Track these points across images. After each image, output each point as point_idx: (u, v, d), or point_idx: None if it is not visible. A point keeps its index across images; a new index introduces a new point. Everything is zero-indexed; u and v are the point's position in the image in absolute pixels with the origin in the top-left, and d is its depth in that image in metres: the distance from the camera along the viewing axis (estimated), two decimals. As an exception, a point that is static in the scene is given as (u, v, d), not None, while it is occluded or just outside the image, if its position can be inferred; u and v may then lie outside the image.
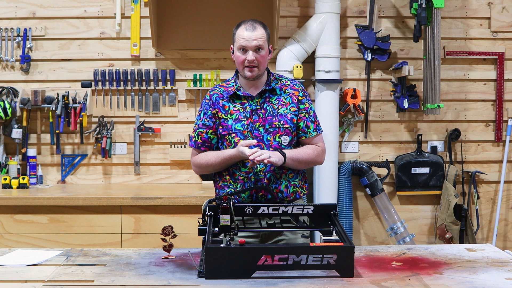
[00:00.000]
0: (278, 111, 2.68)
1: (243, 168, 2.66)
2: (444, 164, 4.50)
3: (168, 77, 4.41)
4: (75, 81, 4.41)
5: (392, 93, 4.48)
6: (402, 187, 4.49)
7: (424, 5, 4.16)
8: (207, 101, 2.73)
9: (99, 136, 4.38)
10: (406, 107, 4.39)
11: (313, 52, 4.34)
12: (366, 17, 4.41)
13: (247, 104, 2.68)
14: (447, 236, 4.38)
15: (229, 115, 2.68)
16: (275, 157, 2.56)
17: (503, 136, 4.55)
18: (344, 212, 4.41)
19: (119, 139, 4.46)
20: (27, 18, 4.38)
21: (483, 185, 4.61)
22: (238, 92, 2.69)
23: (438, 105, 4.25)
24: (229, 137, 2.66)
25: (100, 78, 4.37)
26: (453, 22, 4.49)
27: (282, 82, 2.75)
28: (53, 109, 4.28)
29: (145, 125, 4.40)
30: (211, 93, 2.74)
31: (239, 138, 2.64)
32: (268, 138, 2.65)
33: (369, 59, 4.40)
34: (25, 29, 4.35)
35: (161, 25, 4.29)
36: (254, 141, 2.57)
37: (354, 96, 4.39)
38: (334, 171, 4.35)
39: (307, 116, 2.73)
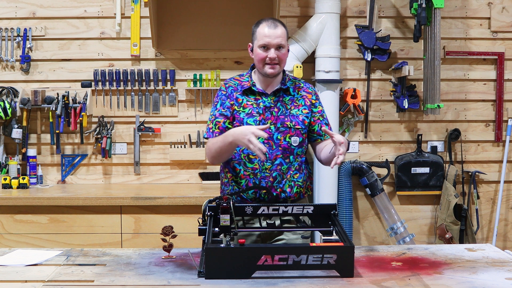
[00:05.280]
0: (291, 111, 2.67)
1: (249, 164, 2.64)
2: (444, 164, 4.50)
3: (168, 77, 4.41)
4: (75, 81, 4.41)
5: (392, 93, 4.48)
6: (402, 187, 4.49)
7: (424, 5, 4.16)
8: (223, 92, 2.71)
9: (99, 136, 4.38)
10: (406, 107, 4.39)
11: (313, 52, 4.34)
12: (366, 17, 4.41)
13: (261, 100, 2.67)
14: (447, 236, 4.38)
15: (241, 108, 2.66)
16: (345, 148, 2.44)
17: (503, 136, 4.55)
18: (344, 212, 4.41)
19: (119, 139, 4.46)
20: (27, 18, 4.38)
21: (483, 185, 4.61)
22: (253, 88, 2.68)
23: (438, 105, 4.25)
24: None
25: (100, 78, 4.37)
26: (453, 22, 4.49)
27: (296, 84, 2.75)
28: (53, 109, 4.28)
29: (145, 125, 4.40)
30: (226, 85, 2.73)
31: None
32: (278, 137, 2.64)
33: (369, 59, 4.39)
34: (25, 29, 4.35)
35: (161, 25, 4.29)
36: (265, 134, 2.48)
37: (354, 96, 4.39)
38: (334, 171, 4.35)
39: (321, 119, 2.73)
